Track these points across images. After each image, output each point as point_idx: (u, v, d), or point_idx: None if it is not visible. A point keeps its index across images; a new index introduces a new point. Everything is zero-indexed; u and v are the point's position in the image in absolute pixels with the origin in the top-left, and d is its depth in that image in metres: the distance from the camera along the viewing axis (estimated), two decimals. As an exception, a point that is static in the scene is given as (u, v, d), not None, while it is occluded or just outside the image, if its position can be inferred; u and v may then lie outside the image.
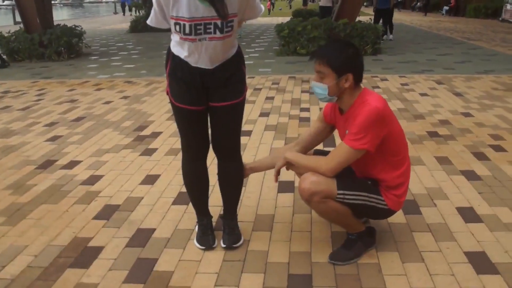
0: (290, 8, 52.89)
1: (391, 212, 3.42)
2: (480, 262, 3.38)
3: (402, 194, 3.36)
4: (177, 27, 3.04)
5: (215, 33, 3.05)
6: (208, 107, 3.40)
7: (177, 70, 3.24)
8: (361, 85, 3.26)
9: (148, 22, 3.19)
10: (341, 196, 3.20)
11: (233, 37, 3.21)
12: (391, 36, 18.37)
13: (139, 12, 40.02)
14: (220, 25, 3.02)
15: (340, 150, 3.12)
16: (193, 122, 3.40)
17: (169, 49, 3.28)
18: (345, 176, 3.29)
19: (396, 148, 3.26)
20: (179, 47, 3.18)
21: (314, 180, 3.14)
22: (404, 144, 3.34)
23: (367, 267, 3.36)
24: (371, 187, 3.31)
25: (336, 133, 5.29)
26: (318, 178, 3.15)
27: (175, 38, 3.18)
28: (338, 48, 3.16)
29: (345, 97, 3.20)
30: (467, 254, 3.48)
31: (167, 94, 3.40)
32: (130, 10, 44.90)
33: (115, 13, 51.26)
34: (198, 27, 3.01)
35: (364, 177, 3.37)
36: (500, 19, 29.15)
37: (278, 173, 3.49)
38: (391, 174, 3.29)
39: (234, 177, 3.64)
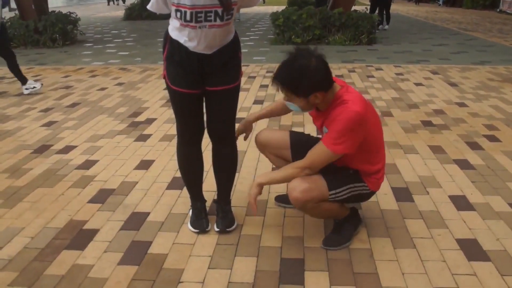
0: None
1: (372, 194, 3.46)
2: (472, 249, 3.41)
3: (381, 176, 3.40)
4: (178, 13, 3.06)
5: (215, 20, 3.07)
6: (204, 91, 3.43)
7: (175, 54, 3.26)
8: (335, 84, 3.17)
9: (148, 7, 3.21)
10: (333, 195, 3.22)
11: (231, 24, 3.24)
12: (386, 26, 18.34)
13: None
14: (220, 13, 3.05)
15: (321, 152, 3.08)
16: (189, 106, 3.43)
17: (166, 33, 3.30)
18: (329, 169, 3.25)
19: (373, 142, 3.26)
20: (178, 32, 3.20)
21: (305, 188, 3.11)
22: (380, 135, 3.33)
23: (359, 252, 3.40)
24: (354, 176, 3.33)
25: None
26: (308, 184, 3.12)
27: (174, 23, 3.19)
28: (297, 72, 2.99)
29: (321, 104, 3.16)
30: (458, 241, 3.52)
31: (164, 78, 3.42)
32: None
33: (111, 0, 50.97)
34: (199, 14, 3.03)
35: (344, 166, 3.35)
36: (498, 10, 29.12)
37: (255, 201, 3.20)
38: (368, 165, 3.32)
39: (228, 161, 3.67)
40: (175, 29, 3.21)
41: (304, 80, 2.98)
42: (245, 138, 3.82)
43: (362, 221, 3.71)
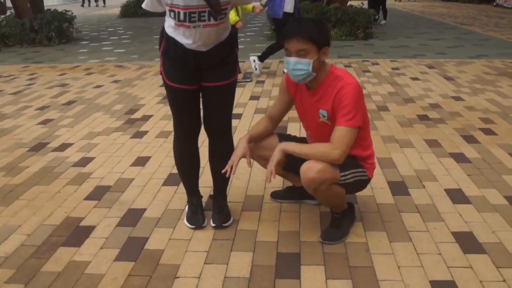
0: None
1: (369, 181, 3.53)
2: (467, 242, 3.43)
3: (373, 162, 3.51)
4: (172, 14, 3.08)
5: (209, 20, 3.08)
6: (200, 87, 3.44)
7: (171, 50, 3.28)
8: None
9: (143, 6, 3.23)
10: (343, 178, 3.25)
11: (226, 22, 3.25)
12: (383, 21, 18.33)
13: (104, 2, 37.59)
14: (214, 13, 3.06)
15: (343, 133, 3.12)
16: (186, 101, 3.44)
17: (163, 29, 3.31)
18: None
19: (365, 120, 3.35)
20: (173, 30, 3.22)
21: (320, 169, 3.12)
22: (367, 115, 3.42)
23: (355, 246, 3.41)
24: (354, 162, 3.38)
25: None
26: (323, 166, 3.14)
27: (169, 21, 3.20)
28: (316, 24, 3.20)
29: (318, 73, 3.23)
30: (454, 234, 3.53)
31: (161, 74, 3.43)
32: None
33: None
34: (193, 15, 3.04)
35: None
36: (494, 4, 29.02)
37: (275, 168, 3.23)
38: (361, 150, 3.40)
39: (224, 155, 3.61)
40: (171, 27, 3.22)
41: (322, 30, 3.21)
42: (249, 164, 3.54)
43: (356, 217, 3.73)
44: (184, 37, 3.18)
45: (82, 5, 35.74)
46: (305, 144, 3.33)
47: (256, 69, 9.00)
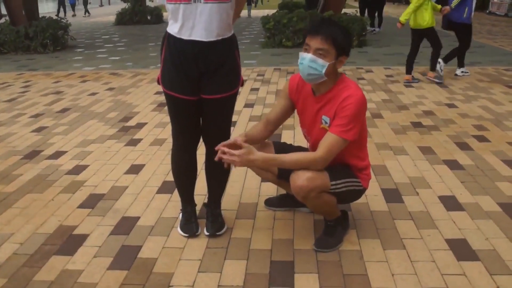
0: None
1: (363, 192, 3.53)
2: (461, 249, 3.43)
3: (369, 173, 3.52)
4: None
5: None
6: (200, 99, 3.38)
7: (172, 50, 3.22)
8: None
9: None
10: (334, 187, 3.25)
11: (229, 7, 3.19)
12: (377, 29, 18.35)
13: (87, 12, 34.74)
14: None
15: (332, 141, 3.11)
16: (185, 112, 3.40)
17: (165, 33, 3.28)
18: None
19: (364, 131, 3.37)
20: (173, 21, 3.17)
21: (309, 177, 3.12)
22: (366, 127, 3.44)
23: (349, 253, 3.41)
24: (349, 172, 3.38)
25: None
26: (312, 173, 3.14)
27: (169, 9, 3.14)
28: (343, 30, 3.16)
29: (328, 79, 3.20)
30: (448, 241, 3.53)
31: (157, 80, 3.40)
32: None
33: (101, 5, 50.62)
34: None
35: (336, 164, 3.35)
36: (487, 11, 29.17)
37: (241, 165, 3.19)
38: (358, 160, 3.41)
39: (221, 166, 3.55)
40: (171, 18, 3.18)
41: (347, 38, 3.17)
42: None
43: (350, 225, 3.73)
44: (183, 24, 3.12)
45: (57, 15, 32.69)
46: (285, 154, 3.23)
47: (441, 70, 9.18)
